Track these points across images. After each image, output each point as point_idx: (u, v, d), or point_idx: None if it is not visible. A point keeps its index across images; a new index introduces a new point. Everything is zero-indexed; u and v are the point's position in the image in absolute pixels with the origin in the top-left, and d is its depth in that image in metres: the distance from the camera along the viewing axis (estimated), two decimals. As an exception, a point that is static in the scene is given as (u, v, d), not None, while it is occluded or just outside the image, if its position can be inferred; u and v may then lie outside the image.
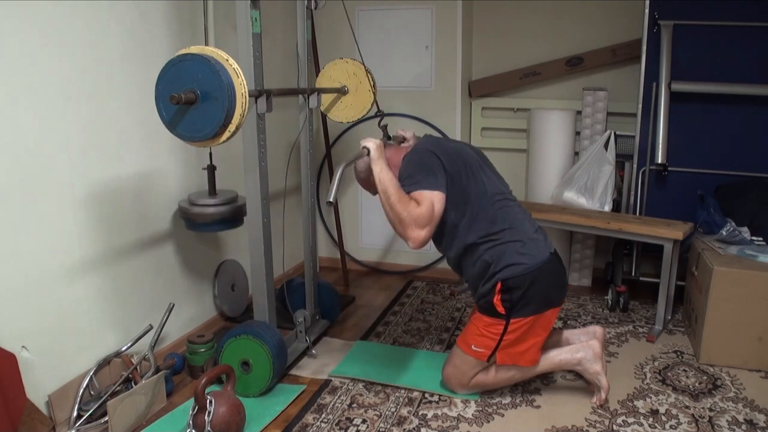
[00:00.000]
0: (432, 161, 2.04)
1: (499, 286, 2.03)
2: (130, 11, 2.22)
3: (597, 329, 2.31)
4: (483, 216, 2.06)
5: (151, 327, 2.32)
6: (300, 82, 2.57)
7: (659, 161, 2.98)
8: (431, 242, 2.18)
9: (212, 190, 2.49)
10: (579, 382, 2.29)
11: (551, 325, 2.14)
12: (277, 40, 3.22)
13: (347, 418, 2.08)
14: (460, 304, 3.16)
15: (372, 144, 2.05)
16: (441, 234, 2.11)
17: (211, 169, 2.49)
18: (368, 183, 2.15)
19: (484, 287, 2.07)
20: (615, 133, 3.17)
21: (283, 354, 2.25)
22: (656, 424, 2.02)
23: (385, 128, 2.35)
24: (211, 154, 2.50)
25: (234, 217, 2.48)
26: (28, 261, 1.88)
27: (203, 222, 2.43)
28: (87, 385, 2.05)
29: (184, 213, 2.44)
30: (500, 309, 2.04)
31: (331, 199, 1.92)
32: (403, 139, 2.35)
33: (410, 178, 2.01)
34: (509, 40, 3.53)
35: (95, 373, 2.10)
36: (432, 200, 1.97)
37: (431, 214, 1.95)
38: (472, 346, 2.11)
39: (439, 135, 2.25)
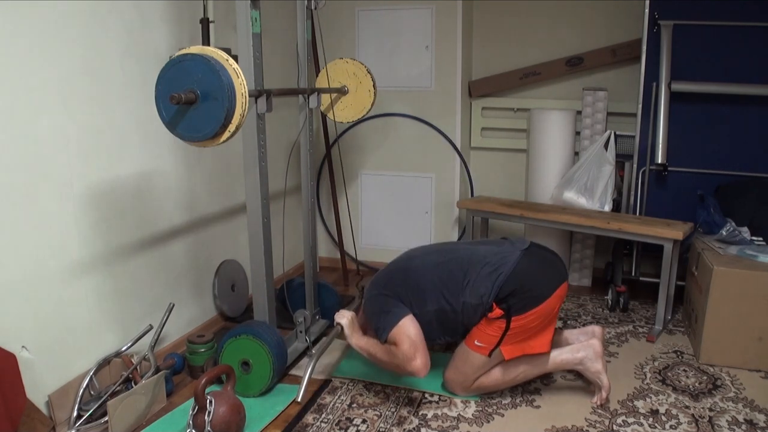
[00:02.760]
0: (380, 302, 2.16)
1: (494, 305, 2.06)
2: (130, 11, 2.23)
3: (596, 329, 2.31)
4: (446, 286, 2.12)
5: (151, 327, 2.32)
6: (300, 82, 2.57)
7: (659, 161, 2.98)
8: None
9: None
10: (579, 382, 2.29)
11: (556, 309, 2.14)
12: (277, 40, 3.22)
13: (347, 418, 2.08)
14: (460, 304, 3.16)
15: (344, 321, 2.24)
16: (444, 328, 2.16)
17: (206, 21, 2.42)
18: None
19: (483, 314, 2.10)
20: (615, 133, 3.17)
21: (283, 354, 2.25)
22: (656, 424, 2.02)
23: (362, 289, 2.45)
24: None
25: None
26: (28, 261, 1.88)
27: None
28: (87, 385, 2.05)
29: None
30: (499, 313, 2.05)
31: (299, 399, 2.03)
32: None
33: (378, 330, 2.13)
34: (509, 40, 3.53)
35: (95, 373, 2.10)
36: (404, 331, 2.06)
37: (412, 343, 2.05)
38: (475, 341, 2.11)
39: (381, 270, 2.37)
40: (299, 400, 2.02)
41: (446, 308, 2.12)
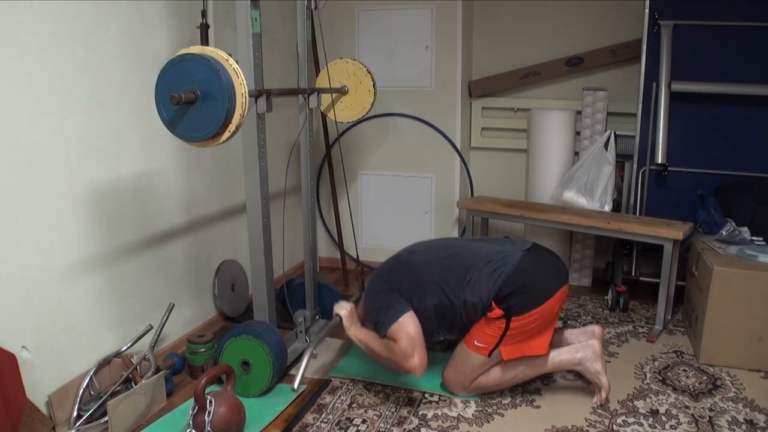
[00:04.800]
0: (381, 297, 2.17)
1: (493, 304, 2.06)
2: (130, 11, 2.23)
3: (596, 329, 2.31)
4: (447, 282, 2.12)
5: (151, 327, 2.32)
6: (300, 82, 2.57)
7: (659, 161, 2.98)
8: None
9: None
10: (579, 382, 2.29)
11: (555, 310, 2.13)
12: (277, 40, 3.22)
13: (347, 418, 2.08)
14: (460, 304, 3.16)
15: (344, 312, 2.26)
16: (443, 324, 2.16)
17: (204, 27, 2.41)
18: None
19: (483, 312, 2.10)
20: (615, 133, 3.17)
21: (283, 354, 2.25)
22: (656, 424, 2.02)
23: (363, 283, 2.46)
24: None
25: None
26: (28, 261, 1.88)
27: None
28: (87, 385, 2.05)
29: None
30: (499, 313, 2.05)
31: (295, 387, 2.06)
32: None
33: (378, 324, 2.12)
34: (509, 40, 3.53)
35: (95, 373, 2.10)
36: (404, 328, 2.06)
37: (411, 341, 2.04)
38: (475, 341, 2.11)
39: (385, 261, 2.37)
40: (295, 388, 2.05)
41: (446, 303, 2.11)
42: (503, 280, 2.05)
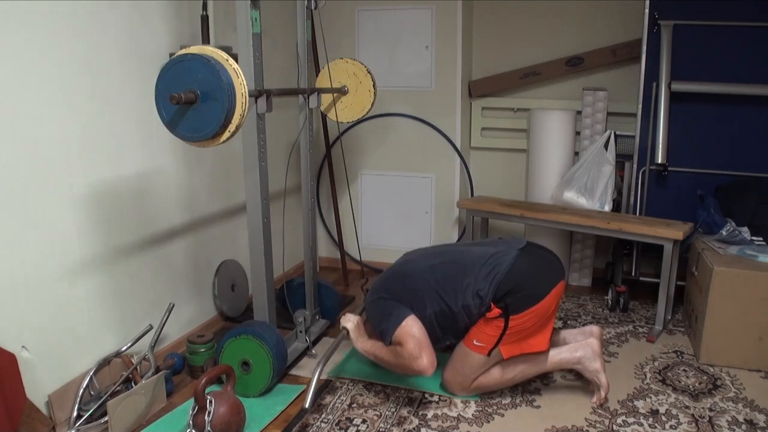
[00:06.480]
0: (381, 305, 2.17)
1: (492, 305, 2.06)
2: (130, 11, 2.23)
3: (594, 328, 2.31)
4: (443, 289, 2.12)
5: (151, 327, 2.32)
6: (300, 82, 2.57)
7: (659, 161, 2.98)
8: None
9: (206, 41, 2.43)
10: (579, 382, 2.29)
11: (553, 307, 2.13)
12: (277, 40, 3.22)
13: (347, 418, 2.08)
14: (460, 304, 3.16)
15: (350, 324, 2.26)
16: (446, 330, 2.16)
17: (205, 18, 2.42)
18: None
19: (483, 314, 2.10)
20: (615, 133, 3.17)
21: (283, 354, 2.25)
22: (656, 424, 2.02)
23: (367, 291, 2.41)
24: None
25: None
26: (27, 261, 1.88)
27: None
28: (87, 385, 2.05)
29: None
30: (497, 312, 2.05)
31: (306, 406, 1.98)
32: None
33: (383, 333, 2.13)
34: (509, 40, 3.53)
35: (95, 373, 2.10)
36: (408, 332, 2.06)
37: (417, 342, 2.04)
38: (474, 341, 2.11)
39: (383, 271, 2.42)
40: (306, 406, 1.98)
41: (445, 309, 2.12)
42: (499, 280, 2.05)
